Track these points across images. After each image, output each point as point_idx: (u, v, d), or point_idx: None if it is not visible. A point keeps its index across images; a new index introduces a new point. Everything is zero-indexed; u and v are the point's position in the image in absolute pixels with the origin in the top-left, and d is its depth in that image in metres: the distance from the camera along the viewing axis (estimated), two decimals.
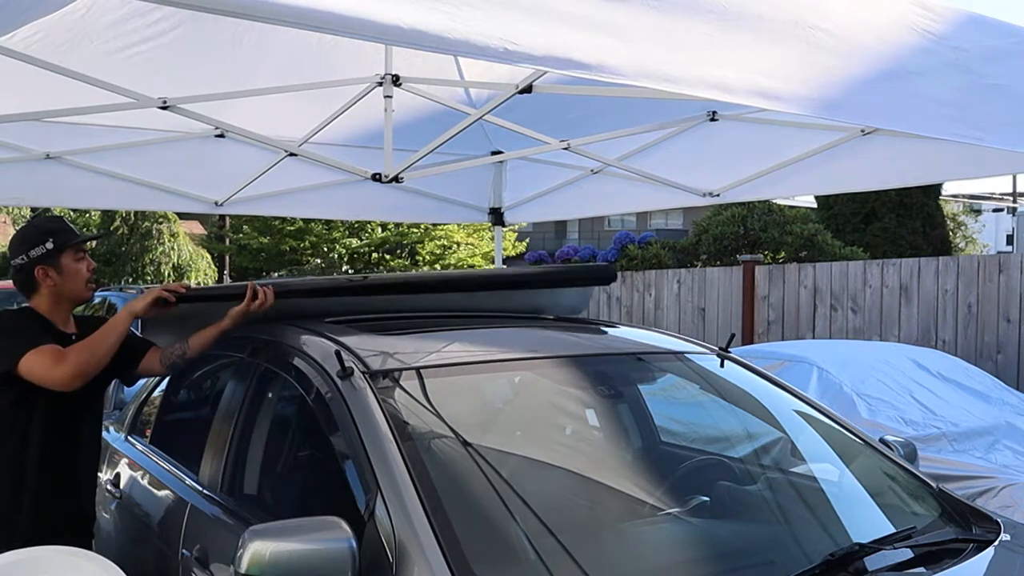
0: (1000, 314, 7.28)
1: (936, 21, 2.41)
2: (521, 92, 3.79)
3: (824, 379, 5.04)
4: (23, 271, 2.89)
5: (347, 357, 2.44)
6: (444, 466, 2.29)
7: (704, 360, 3.06)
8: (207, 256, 26.73)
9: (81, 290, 2.93)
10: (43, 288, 2.89)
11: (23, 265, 2.88)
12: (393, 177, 4.43)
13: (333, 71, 4.06)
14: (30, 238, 2.89)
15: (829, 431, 2.96)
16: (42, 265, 2.86)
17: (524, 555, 2.14)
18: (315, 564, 1.92)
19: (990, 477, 4.30)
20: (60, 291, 2.89)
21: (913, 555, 2.32)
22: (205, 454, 2.94)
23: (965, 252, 20.51)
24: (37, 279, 2.87)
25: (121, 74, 3.69)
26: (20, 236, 2.92)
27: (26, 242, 2.88)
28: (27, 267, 2.87)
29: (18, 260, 2.88)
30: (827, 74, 2.25)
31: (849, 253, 12.79)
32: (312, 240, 21.63)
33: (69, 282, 2.90)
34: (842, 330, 8.28)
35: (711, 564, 2.27)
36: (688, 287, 9.67)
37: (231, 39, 3.67)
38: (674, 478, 2.80)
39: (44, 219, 3.00)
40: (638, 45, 2.01)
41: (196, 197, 5.56)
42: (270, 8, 1.64)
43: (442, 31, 1.77)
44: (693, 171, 5.07)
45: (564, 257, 15.96)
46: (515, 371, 2.80)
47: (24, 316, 2.93)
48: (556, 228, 37.60)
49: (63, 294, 2.91)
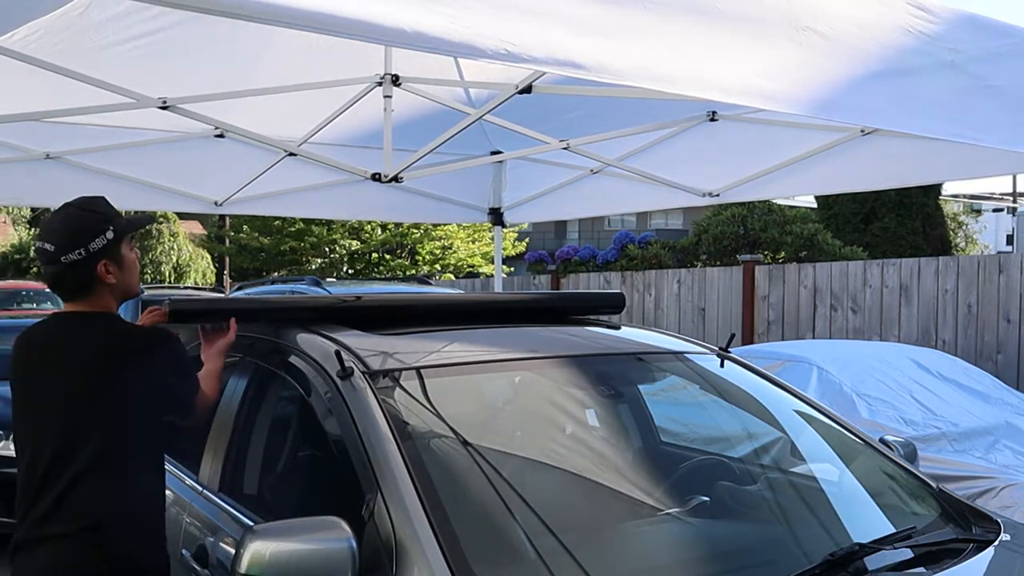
0: (1000, 314, 7.28)
1: (932, 22, 2.41)
2: (521, 92, 3.80)
3: (824, 379, 5.04)
4: (79, 268, 2.34)
5: (347, 357, 2.44)
6: (444, 466, 2.29)
7: (704, 360, 3.06)
8: (207, 256, 26.75)
9: (136, 285, 2.49)
10: (101, 287, 2.39)
11: (80, 260, 2.33)
12: (393, 177, 4.43)
13: (333, 71, 4.06)
14: (89, 226, 2.35)
15: (829, 431, 2.96)
16: (105, 259, 2.37)
17: (524, 555, 2.14)
18: (315, 564, 1.92)
19: (990, 477, 4.30)
20: (118, 289, 2.43)
21: (913, 555, 2.33)
22: (205, 454, 2.94)
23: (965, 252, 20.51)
24: (99, 277, 2.37)
25: (120, 72, 3.69)
26: (72, 224, 2.36)
27: (84, 231, 2.34)
28: (87, 263, 2.35)
29: (73, 255, 2.33)
30: (824, 74, 2.26)
31: (849, 253, 12.79)
32: (312, 240, 21.64)
33: (129, 277, 2.45)
34: (842, 330, 8.29)
35: (711, 564, 2.27)
36: (688, 287, 9.67)
37: (230, 38, 3.67)
38: (674, 478, 2.80)
39: (91, 201, 2.44)
40: (637, 46, 2.02)
41: (196, 197, 5.57)
42: (270, 9, 1.65)
43: (443, 32, 1.78)
44: (693, 171, 5.08)
45: (564, 257, 15.95)
46: (515, 371, 2.80)
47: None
48: (556, 228, 37.60)
49: (121, 292, 2.44)
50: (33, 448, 2.33)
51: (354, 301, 2.93)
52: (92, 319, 2.40)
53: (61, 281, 2.37)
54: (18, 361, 2.44)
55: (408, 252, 21.92)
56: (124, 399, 2.29)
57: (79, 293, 2.39)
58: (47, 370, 2.36)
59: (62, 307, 2.47)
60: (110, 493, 2.27)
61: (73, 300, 2.41)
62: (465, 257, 21.89)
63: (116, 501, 2.27)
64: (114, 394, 2.28)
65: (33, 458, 2.32)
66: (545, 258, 16.94)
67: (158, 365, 2.37)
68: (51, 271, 2.37)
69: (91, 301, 2.40)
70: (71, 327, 2.40)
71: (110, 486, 2.27)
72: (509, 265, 22.49)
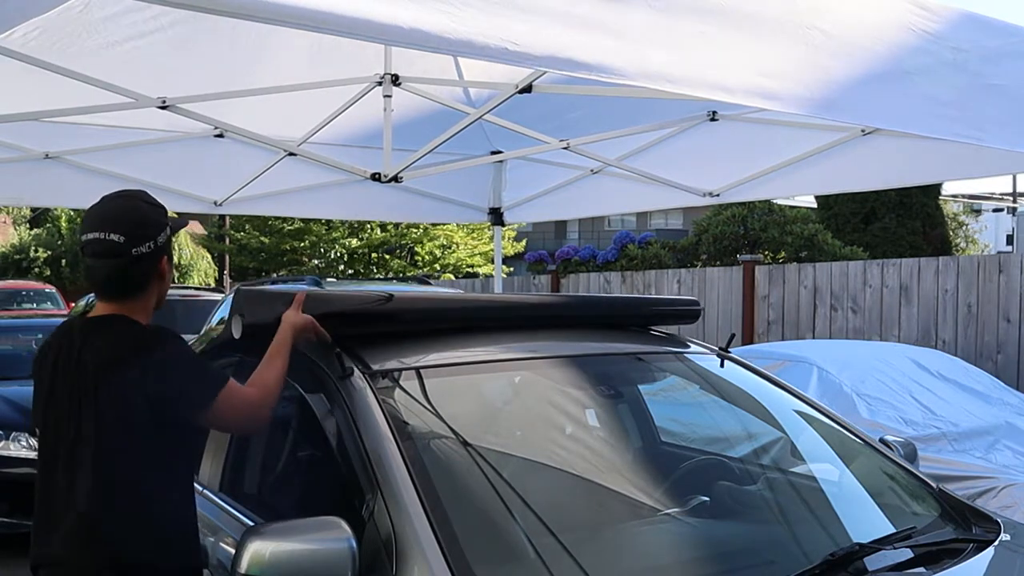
0: (1000, 314, 7.28)
1: (934, 21, 2.41)
2: (521, 92, 3.79)
3: (824, 379, 5.04)
4: (145, 262, 2.22)
5: (347, 357, 2.44)
6: (444, 466, 2.29)
7: (704, 360, 3.06)
8: (207, 256, 26.75)
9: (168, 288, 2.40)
10: (154, 286, 2.28)
11: (148, 254, 2.21)
12: (392, 177, 4.43)
13: (333, 71, 4.06)
14: (155, 218, 2.24)
15: (829, 431, 2.96)
16: (167, 254, 2.27)
17: (524, 555, 2.14)
18: (315, 564, 1.92)
19: (990, 477, 4.30)
20: (163, 291, 2.34)
21: (913, 555, 2.33)
22: (205, 454, 2.94)
23: (965, 252, 20.51)
24: (162, 272, 2.28)
25: (120, 72, 3.69)
26: (138, 214, 2.23)
27: (152, 223, 2.23)
28: (153, 256, 2.23)
29: (144, 247, 2.19)
30: (826, 74, 2.26)
31: (849, 253, 12.79)
32: (312, 240, 21.63)
33: (169, 278, 2.36)
34: (842, 330, 8.29)
35: (711, 564, 2.27)
36: (688, 287, 9.67)
37: (230, 38, 3.67)
38: (674, 478, 2.80)
39: (145, 193, 2.33)
40: (638, 45, 2.01)
41: (196, 197, 5.56)
42: (270, 9, 1.64)
43: (442, 31, 1.78)
44: (693, 171, 5.07)
45: (564, 257, 15.94)
46: (515, 371, 2.80)
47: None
48: (556, 228, 37.60)
49: (163, 296, 2.35)
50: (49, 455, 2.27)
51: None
52: (112, 321, 2.26)
53: (124, 276, 2.21)
54: (37, 364, 2.35)
55: (408, 252, 21.90)
56: (115, 400, 2.18)
57: (135, 291, 2.25)
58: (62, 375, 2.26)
59: (94, 309, 2.31)
60: (107, 495, 2.18)
61: (123, 299, 2.25)
62: (465, 257, 21.87)
63: (113, 503, 2.19)
64: (109, 395, 2.18)
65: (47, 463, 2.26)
66: (545, 258, 16.92)
67: (151, 364, 2.17)
68: (114, 264, 2.19)
69: (143, 303, 2.28)
70: (90, 331, 2.27)
71: (106, 487, 2.19)
72: (508, 265, 22.49)
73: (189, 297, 11.49)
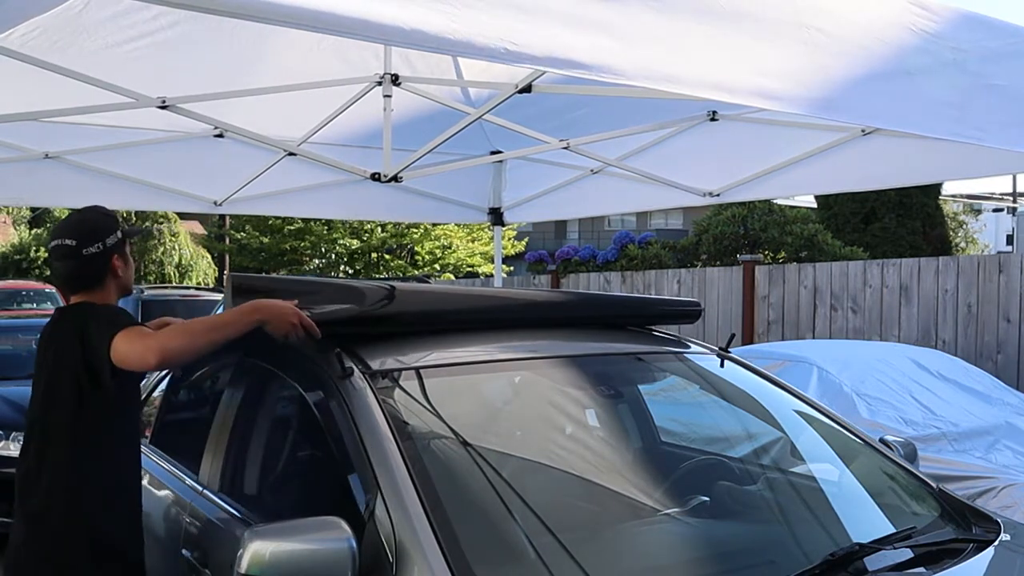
0: (1000, 314, 7.28)
1: (934, 21, 2.41)
2: (521, 92, 3.79)
3: (824, 379, 5.04)
4: (97, 260, 2.66)
5: (347, 357, 2.44)
6: (444, 466, 2.29)
7: (704, 360, 3.06)
8: (207, 256, 26.75)
9: (132, 282, 2.83)
10: (110, 280, 2.70)
11: (98, 254, 2.65)
12: (392, 177, 4.43)
13: (333, 71, 4.06)
14: (103, 225, 2.70)
15: (829, 431, 2.96)
16: (117, 253, 2.70)
17: (524, 555, 2.14)
18: (315, 564, 1.92)
19: (990, 477, 4.30)
20: (122, 283, 2.75)
21: (913, 555, 2.33)
22: (205, 454, 2.94)
23: (965, 252, 20.52)
24: (114, 268, 2.70)
25: (120, 72, 3.69)
26: (88, 223, 2.70)
27: (101, 228, 2.69)
28: (104, 255, 2.66)
29: (93, 248, 2.64)
30: (826, 74, 2.26)
31: (849, 253, 12.79)
32: (312, 240, 21.63)
33: (130, 273, 2.79)
34: (842, 330, 8.28)
35: (711, 564, 2.27)
36: (688, 287, 9.67)
37: (230, 38, 3.67)
38: (674, 478, 2.80)
39: (98, 206, 2.83)
40: (638, 45, 2.01)
41: (196, 197, 5.57)
42: (270, 9, 1.64)
43: (442, 31, 1.77)
44: (693, 171, 5.07)
45: (564, 257, 15.94)
46: (515, 371, 2.80)
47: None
48: (556, 228, 37.60)
49: (123, 286, 2.77)
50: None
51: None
52: (78, 307, 2.66)
53: (79, 274, 2.66)
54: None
55: (408, 252, 21.90)
56: (54, 371, 2.58)
57: (93, 285, 2.67)
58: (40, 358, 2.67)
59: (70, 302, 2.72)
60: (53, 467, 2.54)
61: (84, 292, 2.67)
62: (464, 257, 21.86)
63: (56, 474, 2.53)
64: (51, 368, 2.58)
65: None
66: (545, 258, 16.92)
67: (85, 325, 2.53)
68: (71, 264, 2.65)
69: (101, 293, 2.68)
70: (61, 317, 2.69)
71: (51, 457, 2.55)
72: (508, 265, 22.48)
73: (189, 297, 11.51)
